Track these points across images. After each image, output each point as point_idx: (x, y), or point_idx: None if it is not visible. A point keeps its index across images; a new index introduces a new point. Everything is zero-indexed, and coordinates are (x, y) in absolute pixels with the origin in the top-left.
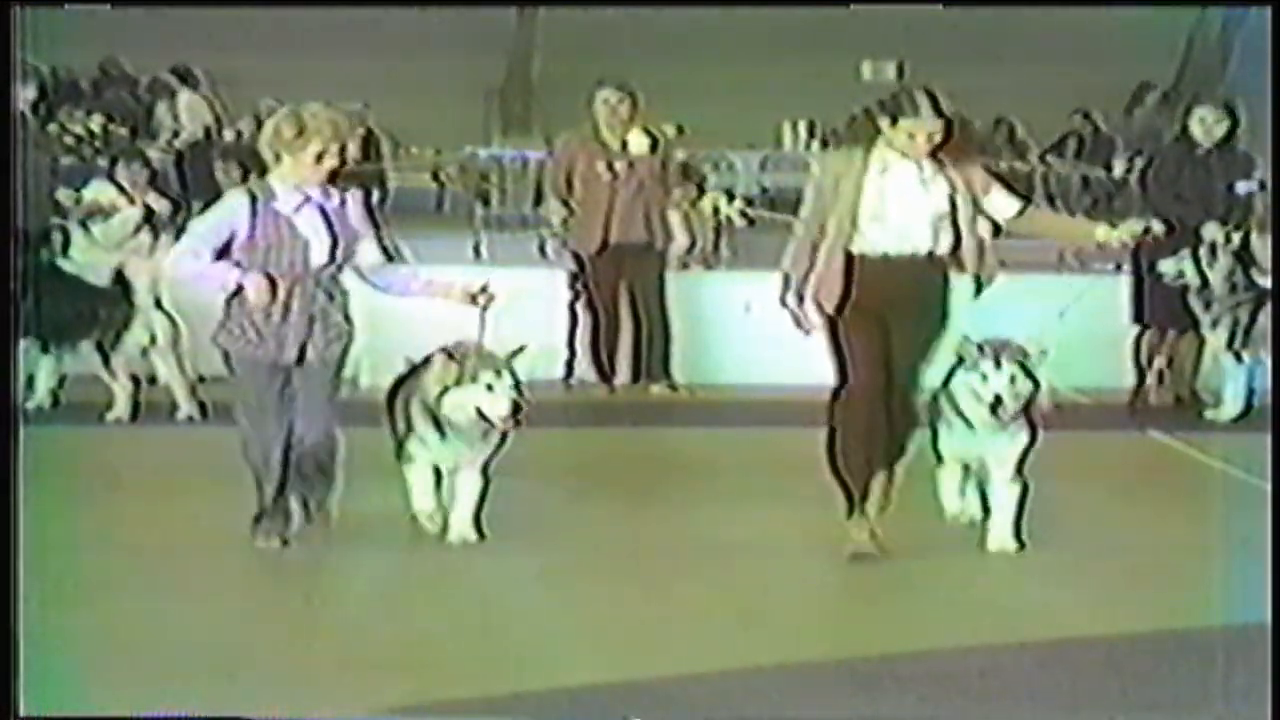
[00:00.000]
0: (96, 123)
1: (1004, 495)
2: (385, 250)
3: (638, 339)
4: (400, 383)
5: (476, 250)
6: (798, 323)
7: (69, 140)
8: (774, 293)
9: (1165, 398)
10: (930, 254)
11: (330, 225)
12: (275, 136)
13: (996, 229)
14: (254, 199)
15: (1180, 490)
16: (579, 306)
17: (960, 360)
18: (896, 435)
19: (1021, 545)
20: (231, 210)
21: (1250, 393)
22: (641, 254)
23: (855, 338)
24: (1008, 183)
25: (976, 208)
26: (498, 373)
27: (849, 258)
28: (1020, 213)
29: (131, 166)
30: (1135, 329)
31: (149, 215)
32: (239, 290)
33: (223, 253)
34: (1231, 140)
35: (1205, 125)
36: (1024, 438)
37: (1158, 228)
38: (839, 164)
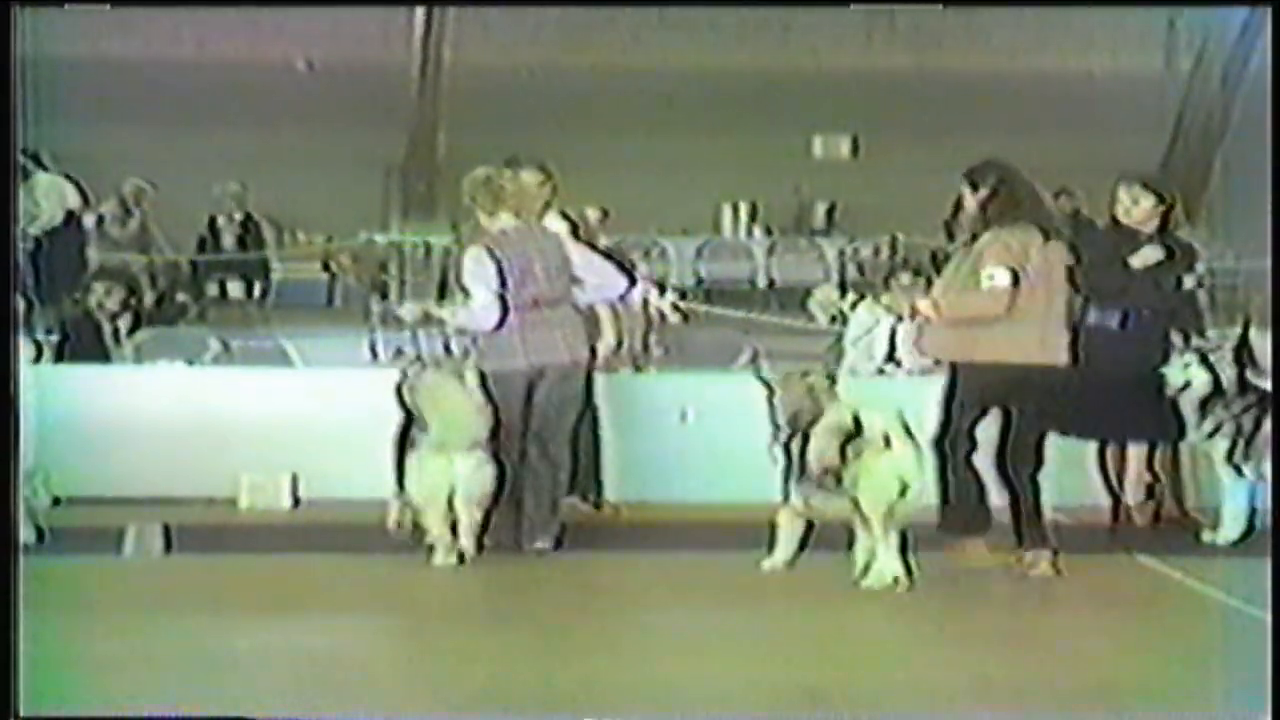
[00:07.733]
0: None
1: None
2: None
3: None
4: None
5: (373, 350)
6: None
7: None
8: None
9: (1148, 517)
10: None
11: None
12: None
13: None
14: None
15: (1177, 623)
16: None
17: None
18: None
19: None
20: None
21: (1252, 512)
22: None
23: None
24: None
25: None
26: None
27: None
28: None
29: None
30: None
31: None
32: None
33: None
34: (1167, 225)
35: (1124, 206)
36: None
37: None
38: None
